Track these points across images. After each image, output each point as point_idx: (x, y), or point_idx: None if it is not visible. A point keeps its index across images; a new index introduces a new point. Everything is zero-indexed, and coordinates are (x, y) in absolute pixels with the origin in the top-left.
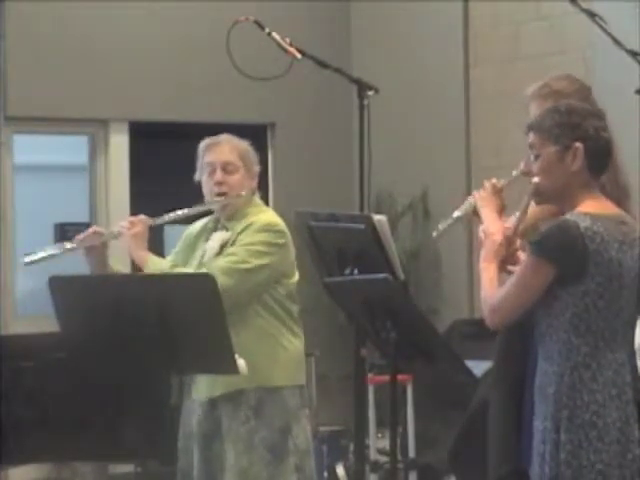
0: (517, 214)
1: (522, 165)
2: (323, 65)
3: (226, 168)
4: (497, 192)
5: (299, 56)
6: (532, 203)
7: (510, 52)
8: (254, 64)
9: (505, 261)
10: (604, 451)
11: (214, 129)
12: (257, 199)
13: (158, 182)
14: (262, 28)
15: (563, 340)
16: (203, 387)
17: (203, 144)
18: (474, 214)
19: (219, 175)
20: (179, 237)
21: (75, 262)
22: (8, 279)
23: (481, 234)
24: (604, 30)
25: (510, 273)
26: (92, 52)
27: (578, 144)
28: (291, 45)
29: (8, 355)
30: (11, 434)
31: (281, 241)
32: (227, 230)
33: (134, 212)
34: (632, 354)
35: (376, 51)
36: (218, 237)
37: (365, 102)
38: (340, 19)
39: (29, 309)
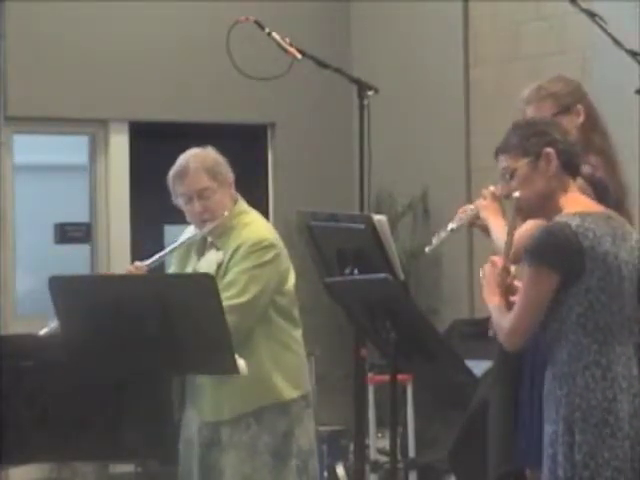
0: (505, 238)
1: (499, 190)
2: (323, 65)
3: (202, 195)
4: (497, 198)
5: (299, 56)
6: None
7: (510, 52)
8: (254, 64)
9: (505, 293)
10: (618, 447)
11: (214, 129)
12: (240, 204)
13: (158, 182)
14: (262, 28)
15: (573, 342)
16: (208, 411)
17: (171, 174)
18: (470, 225)
19: (197, 206)
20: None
21: (75, 262)
22: (8, 279)
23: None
24: (604, 30)
25: (513, 303)
26: (92, 52)
27: (548, 149)
28: (291, 45)
29: (8, 355)
30: (11, 434)
31: (272, 255)
32: (217, 249)
33: (134, 212)
34: (638, 347)
35: (376, 51)
36: (212, 258)
37: (365, 102)
38: (340, 19)
39: (29, 309)
